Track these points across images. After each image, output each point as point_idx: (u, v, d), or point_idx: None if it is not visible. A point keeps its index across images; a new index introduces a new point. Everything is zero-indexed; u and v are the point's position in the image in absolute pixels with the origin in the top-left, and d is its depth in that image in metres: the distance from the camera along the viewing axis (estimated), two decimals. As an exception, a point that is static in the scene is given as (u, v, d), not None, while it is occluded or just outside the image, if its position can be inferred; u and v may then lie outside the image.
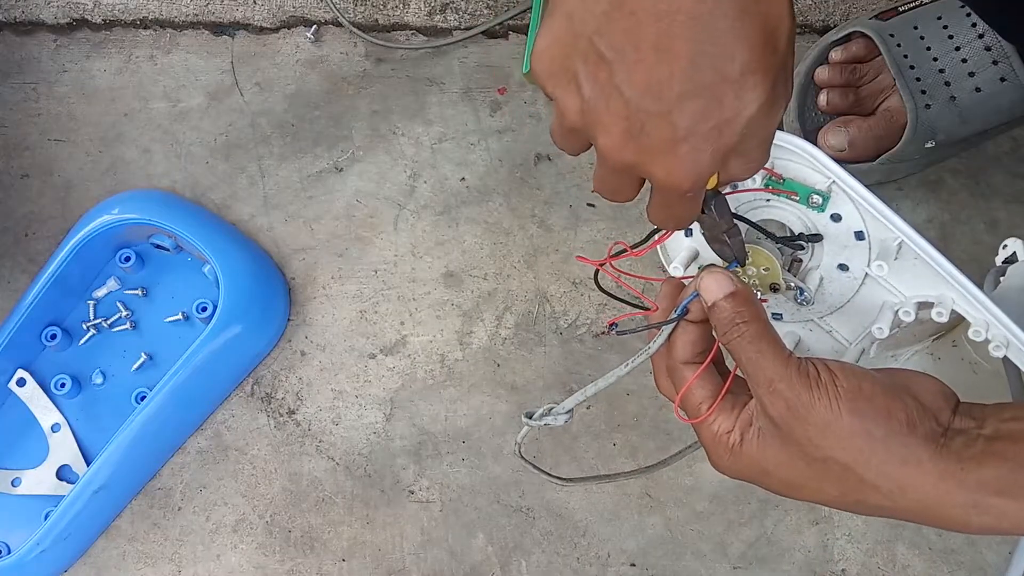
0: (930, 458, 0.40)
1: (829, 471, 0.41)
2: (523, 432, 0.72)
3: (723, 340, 0.44)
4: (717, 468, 0.45)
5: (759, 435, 0.42)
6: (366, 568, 0.73)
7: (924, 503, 0.40)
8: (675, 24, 0.35)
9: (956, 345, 0.57)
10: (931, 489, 0.40)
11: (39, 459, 0.74)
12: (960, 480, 0.40)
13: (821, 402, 0.41)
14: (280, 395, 0.77)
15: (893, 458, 0.40)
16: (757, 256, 0.50)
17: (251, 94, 0.84)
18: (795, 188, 0.48)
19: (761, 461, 0.42)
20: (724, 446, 0.43)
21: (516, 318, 0.78)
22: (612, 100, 0.37)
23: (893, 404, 0.41)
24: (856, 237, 0.49)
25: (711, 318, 0.44)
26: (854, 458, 0.40)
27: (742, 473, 0.44)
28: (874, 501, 0.41)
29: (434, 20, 0.86)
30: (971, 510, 0.40)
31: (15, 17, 0.86)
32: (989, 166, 0.79)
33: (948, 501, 0.40)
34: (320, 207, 0.81)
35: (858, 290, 0.51)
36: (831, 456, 0.41)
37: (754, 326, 0.43)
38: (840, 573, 0.72)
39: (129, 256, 0.76)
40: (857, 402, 0.41)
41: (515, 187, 0.81)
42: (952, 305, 0.47)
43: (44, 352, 0.76)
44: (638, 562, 0.73)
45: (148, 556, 0.74)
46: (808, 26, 0.84)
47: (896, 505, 0.41)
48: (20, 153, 0.83)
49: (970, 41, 0.71)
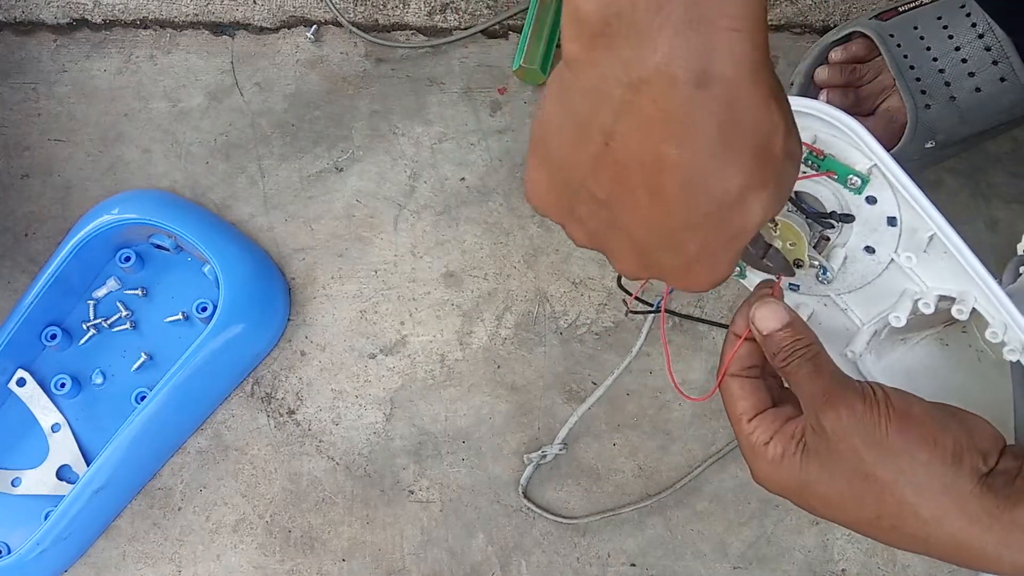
0: (971, 493, 0.40)
1: (870, 489, 0.41)
2: (526, 473, 0.73)
3: (780, 366, 0.44)
4: (756, 478, 0.45)
5: (804, 450, 0.43)
6: (366, 568, 0.73)
7: (959, 538, 0.41)
8: (663, 169, 0.34)
9: (966, 331, 0.57)
10: (967, 524, 0.40)
11: (39, 459, 0.74)
12: (996, 517, 0.40)
13: (870, 417, 0.41)
14: (280, 395, 0.77)
15: (935, 484, 0.40)
16: (785, 230, 0.49)
17: (251, 94, 0.84)
18: (835, 167, 0.48)
19: (803, 475, 0.43)
20: (763, 458, 0.44)
21: (516, 318, 0.78)
22: (617, 237, 0.38)
23: (941, 434, 0.41)
24: (888, 222, 0.48)
25: (764, 347, 0.45)
26: (895, 478, 0.41)
27: (781, 486, 0.44)
28: (910, 528, 0.41)
29: (434, 20, 0.86)
30: (1003, 549, 0.40)
31: (15, 17, 0.86)
32: (989, 166, 0.79)
33: (983, 538, 0.40)
34: (320, 207, 0.81)
35: (880, 274, 0.51)
36: (874, 473, 0.41)
37: (812, 350, 0.44)
38: (840, 573, 0.72)
39: (129, 256, 0.76)
40: (906, 424, 0.41)
41: (515, 187, 0.81)
42: (973, 303, 0.47)
43: (44, 352, 0.76)
44: (638, 562, 0.73)
45: (148, 556, 0.74)
46: (808, 26, 0.84)
47: (930, 536, 0.41)
48: (20, 153, 0.83)
49: (970, 41, 0.71)
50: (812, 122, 0.48)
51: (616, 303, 0.77)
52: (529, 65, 0.80)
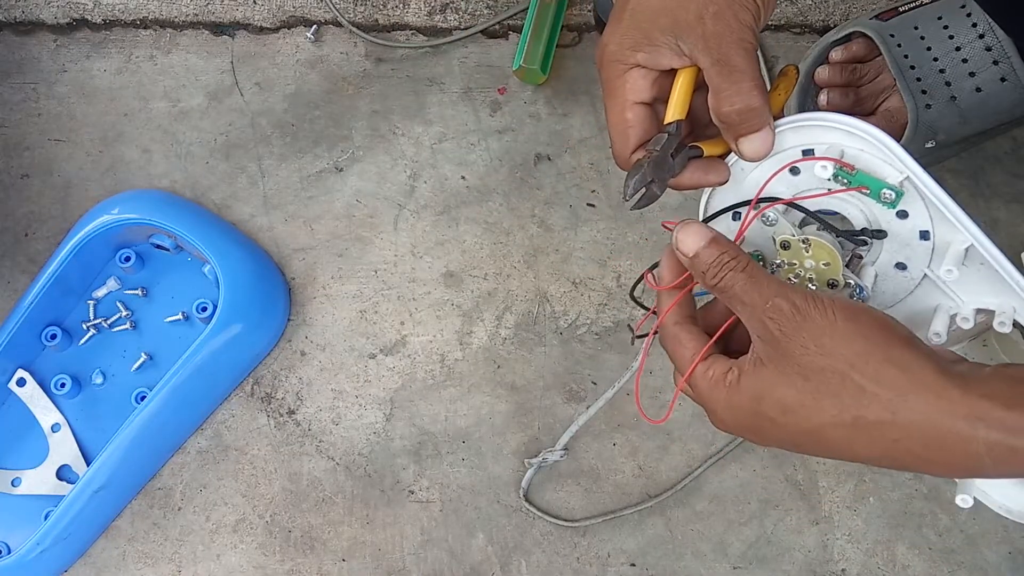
0: (933, 371, 0.39)
1: (827, 382, 0.40)
2: (527, 476, 0.73)
3: (712, 284, 0.44)
4: (715, 417, 0.45)
5: (756, 363, 0.42)
6: (366, 568, 0.73)
7: (926, 413, 0.38)
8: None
9: (986, 345, 0.57)
10: (934, 399, 0.38)
11: (39, 459, 0.74)
12: (964, 390, 0.38)
13: (817, 309, 0.41)
14: (280, 395, 0.77)
15: (892, 363, 0.39)
16: (818, 250, 0.48)
17: (251, 94, 0.84)
18: (867, 182, 0.46)
19: (758, 387, 0.42)
20: (722, 386, 0.43)
21: (516, 318, 0.78)
22: None
23: (890, 322, 0.41)
24: (920, 237, 0.47)
25: (693, 270, 0.45)
26: (851, 362, 0.40)
27: (739, 410, 0.43)
28: (873, 415, 0.39)
29: (434, 20, 0.86)
30: (978, 423, 0.38)
31: (15, 17, 0.86)
32: (989, 166, 0.79)
33: (952, 411, 0.38)
34: (320, 207, 0.81)
35: (912, 291, 0.49)
36: (828, 365, 0.40)
37: (742, 260, 0.43)
38: (840, 573, 0.72)
39: (129, 256, 0.76)
40: (854, 312, 0.41)
41: (515, 187, 0.81)
42: (1014, 315, 0.46)
43: (44, 352, 0.76)
44: (638, 562, 0.73)
45: (148, 556, 0.74)
46: (808, 26, 0.84)
47: (896, 420, 0.39)
48: (20, 153, 0.83)
49: (970, 41, 0.71)
50: (838, 136, 0.47)
51: (616, 303, 0.77)
52: (529, 65, 0.80)
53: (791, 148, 0.48)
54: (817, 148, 0.47)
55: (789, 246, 0.48)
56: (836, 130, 0.46)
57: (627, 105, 0.48)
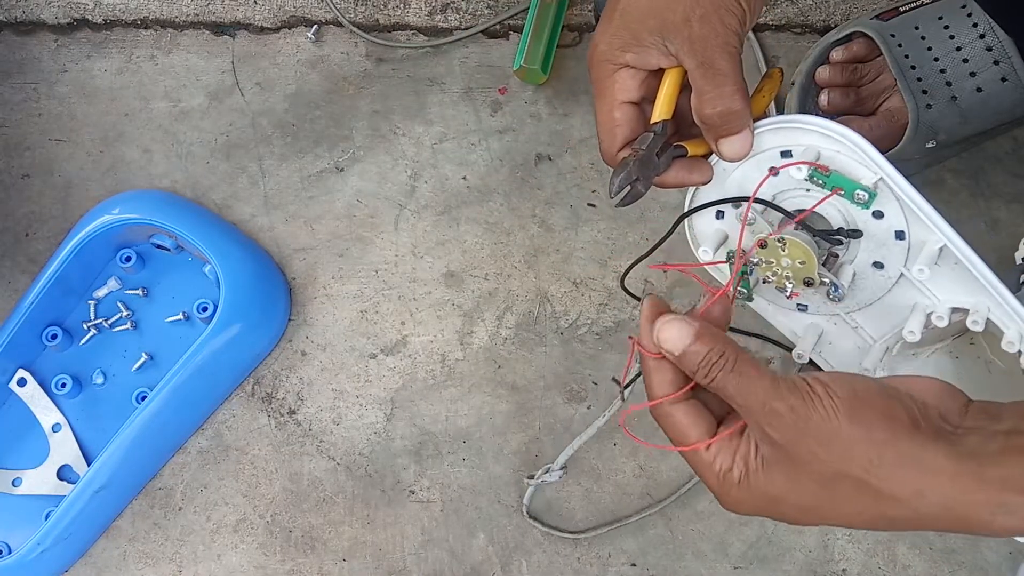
0: (945, 455, 0.38)
1: (842, 488, 0.39)
2: (528, 493, 0.73)
3: (704, 381, 0.42)
4: (727, 507, 0.43)
5: (763, 464, 0.41)
6: (367, 568, 0.73)
7: (945, 505, 0.39)
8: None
9: (973, 343, 0.57)
10: (949, 488, 0.38)
11: (40, 459, 0.74)
12: (980, 477, 0.38)
13: (818, 412, 0.39)
14: (281, 395, 0.77)
15: (904, 461, 0.39)
16: (793, 248, 0.49)
17: (252, 94, 0.84)
18: (841, 183, 0.47)
19: (771, 489, 0.41)
20: (731, 483, 0.42)
21: (517, 318, 0.78)
22: None
23: (892, 405, 0.39)
24: (896, 236, 0.48)
25: (682, 366, 0.42)
26: (864, 468, 0.39)
27: (755, 507, 0.42)
28: (895, 513, 0.39)
29: (435, 20, 0.86)
30: (996, 509, 0.38)
31: (16, 17, 0.86)
32: (989, 166, 0.79)
33: (970, 499, 0.38)
34: (321, 207, 0.81)
35: (890, 289, 0.50)
36: (840, 470, 0.39)
37: (731, 357, 0.41)
38: (841, 573, 0.72)
39: (130, 256, 0.76)
40: (855, 407, 0.39)
41: (516, 187, 0.81)
42: (987, 314, 0.46)
43: (45, 352, 0.76)
44: (638, 562, 0.73)
45: (148, 556, 0.74)
46: (809, 26, 0.84)
47: (918, 514, 0.39)
48: (20, 153, 0.83)
49: (971, 41, 0.71)
50: (815, 138, 0.47)
51: (617, 303, 0.77)
52: (530, 65, 0.80)
53: (770, 149, 0.49)
54: (795, 150, 0.48)
55: (767, 245, 0.49)
56: (813, 132, 0.47)
57: (615, 104, 0.49)
